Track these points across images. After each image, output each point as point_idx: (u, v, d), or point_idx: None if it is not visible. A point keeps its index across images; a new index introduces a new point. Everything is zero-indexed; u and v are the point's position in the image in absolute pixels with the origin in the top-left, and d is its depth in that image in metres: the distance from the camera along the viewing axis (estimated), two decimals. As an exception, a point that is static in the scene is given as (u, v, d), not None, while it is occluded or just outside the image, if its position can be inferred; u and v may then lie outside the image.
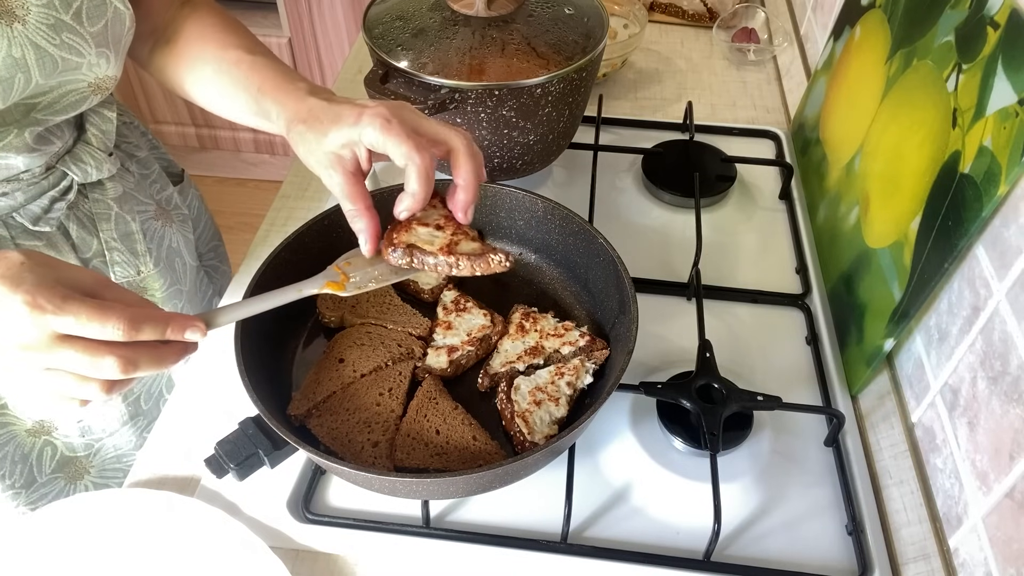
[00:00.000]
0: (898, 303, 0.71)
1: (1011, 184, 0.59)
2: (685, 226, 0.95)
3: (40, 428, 0.84)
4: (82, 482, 0.90)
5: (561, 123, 0.87)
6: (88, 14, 0.65)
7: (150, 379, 0.92)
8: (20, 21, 0.61)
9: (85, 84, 0.69)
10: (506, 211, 0.81)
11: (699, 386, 0.71)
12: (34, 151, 0.71)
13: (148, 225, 0.86)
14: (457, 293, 0.77)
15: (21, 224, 0.74)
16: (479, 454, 0.66)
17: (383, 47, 0.82)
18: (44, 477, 0.86)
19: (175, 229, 0.91)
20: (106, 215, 0.80)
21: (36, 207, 0.74)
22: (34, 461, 0.85)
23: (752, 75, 1.24)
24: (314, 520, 0.67)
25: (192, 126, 2.39)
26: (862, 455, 0.73)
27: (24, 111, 0.67)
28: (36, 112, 0.68)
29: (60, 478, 0.88)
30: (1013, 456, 0.57)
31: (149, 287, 0.87)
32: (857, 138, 0.87)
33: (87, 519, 0.67)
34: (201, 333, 0.56)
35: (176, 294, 0.91)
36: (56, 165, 0.74)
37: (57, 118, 0.70)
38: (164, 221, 0.89)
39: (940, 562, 0.64)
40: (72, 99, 0.70)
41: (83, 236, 0.79)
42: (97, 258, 0.81)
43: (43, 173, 0.74)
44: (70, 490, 0.89)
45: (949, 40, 0.72)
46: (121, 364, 0.52)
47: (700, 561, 0.65)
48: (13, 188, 0.72)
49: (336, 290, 0.62)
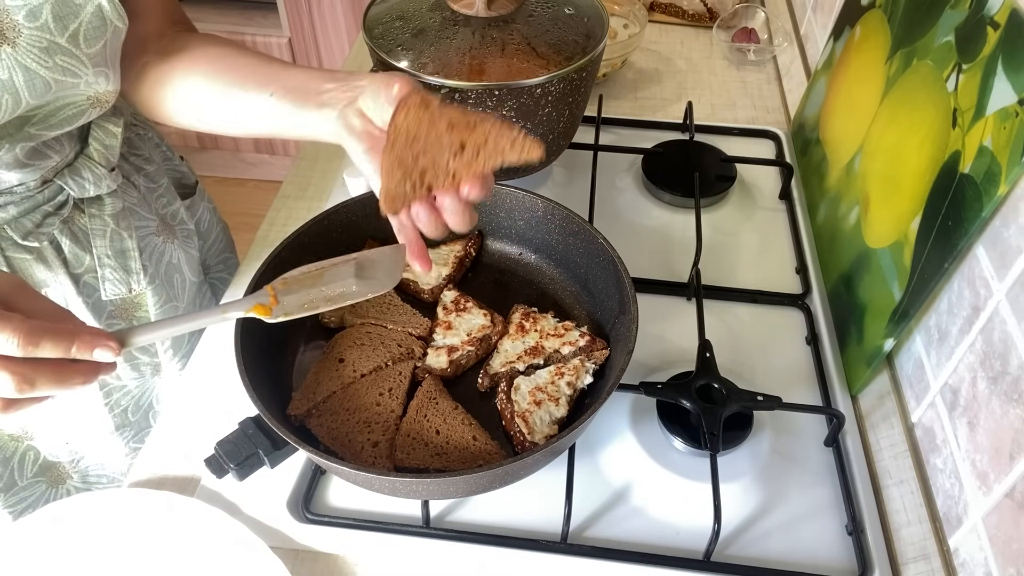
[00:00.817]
0: (898, 303, 0.71)
1: (1011, 184, 0.59)
2: (685, 226, 0.95)
3: (23, 434, 0.84)
4: (64, 487, 0.89)
5: (561, 123, 0.87)
6: (86, 36, 0.63)
7: (139, 391, 0.90)
8: (10, 43, 0.59)
9: (84, 98, 0.67)
10: (506, 211, 0.81)
11: (699, 386, 0.71)
12: (26, 166, 0.69)
13: (148, 241, 0.84)
14: (457, 293, 0.77)
15: (11, 237, 0.72)
16: (479, 454, 0.66)
17: (383, 47, 0.82)
18: (25, 480, 0.85)
19: (177, 245, 0.89)
20: (101, 231, 0.78)
21: (28, 221, 0.72)
22: (15, 464, 0.84)
23: (752, 75, 1.24)
24: (314, 520, 0.67)
25: (192, 126, 2.39)
26: (862, 455, 0.73)
27: (17, 125, 0.66)
28: (29, 127, 0.66)
29: (42, 482, 0.87)
30: (1013, 456, 0.57)
31: (142, 303, 0.85)
32: (857, 138, 0.87)
33: (87, 519, 0.67)
34: (114, 352, 0.51)
35: (172, 310, 0.88)
36: (53, 179, 0.73)
37: (52, 132, 0.68)
38: (166, 237, 0.87)
39: (940, 562, 0.64)
40: (69, 113, 0.68)
41: (75, 251, 0.77)
42: (88, 274, 0.79)
43: (38, 187, 0.72)
44: (51, 494, 0.88)
45: (949, 40, 0.72)
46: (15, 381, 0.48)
47: (700, 561, 0.65)
48: (5, 200, 0.70)
49: (262, 315, 0.59)
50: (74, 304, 0.79)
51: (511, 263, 0.83)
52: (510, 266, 0.83)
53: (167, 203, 0.89)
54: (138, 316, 0.86)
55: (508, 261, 0.83)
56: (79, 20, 0.62)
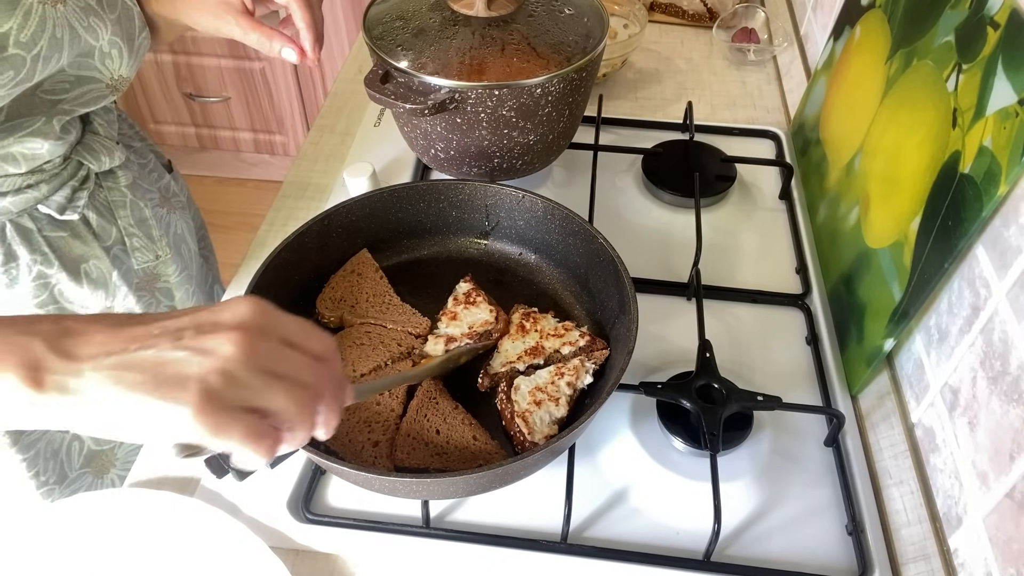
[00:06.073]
0: (898, 303, 0.71)
1: (1011, 184, 0.59)
2: (685, 226, 0.94)
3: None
4: (108, 476, 0.92)
5: (561, 123, 0.87)
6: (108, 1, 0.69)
7: None
8: (62, 2, 0.64)
9: (103, 84, 0.73)
10: (506, 211, 0.81)
11: (699, 386, 0.71)
12: (59, 139, 0.73)
13: (155, 212, 0.88)
14: (471, 287, 0.77)
15: (46, 215, 0.76)
16: (479, 454, 0.66)
17: (383, 47, 0.82)
18: (74, 472, 0.88)
19: (178, 216, 0.93)
20: (121, 202, 0.83)
21: (60, 197, 0.76)
22: (64, 457, 0.87)
23: (752, 75, 1.24)
24: (314, 520, 0.67)
25: (192, 126, 2.39)
26: (862, 455, 0.73)
27: (50, 104, 0.70)
28: (63, 105, 0.71)
29: (88, 473, 0.89)
30: (1013, 456, 0.57)
31: (162, 273, 0.89)
32: (857, 138, 0.87)
33: (87, 519, 0.67)
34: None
35: (187, 279, 0.93)
36: (71, 156, 0.77)
37: (81, 109, 0.73)
38: (168, 208, 0.91)
39: (940, 562, 0.64)
40: (93, 95, 0.73)
41: (102, 224, 0.81)
42: (117, 246, 0.83)
43: (62, 164, 0.76)
44: (98, 484, 0.91)
45: (949, 40, 0.72)
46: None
47: (700, 561, 0.65)
48: (38, 179, 0.74)
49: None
50: (112, 277, 0.83)
51: (511, 263, 0.83)
52: (510, 266, 0.83)
53: (159, 177, 0.93)
54: (159, 287, 0.90)
55: (508, 261, 0.83)
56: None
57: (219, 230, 1.10)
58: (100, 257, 0.81)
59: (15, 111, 0.68)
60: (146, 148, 0.93)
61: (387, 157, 1.02)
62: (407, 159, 1.02)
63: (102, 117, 0.80)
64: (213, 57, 2.19)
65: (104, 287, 0.82)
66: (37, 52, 0.63)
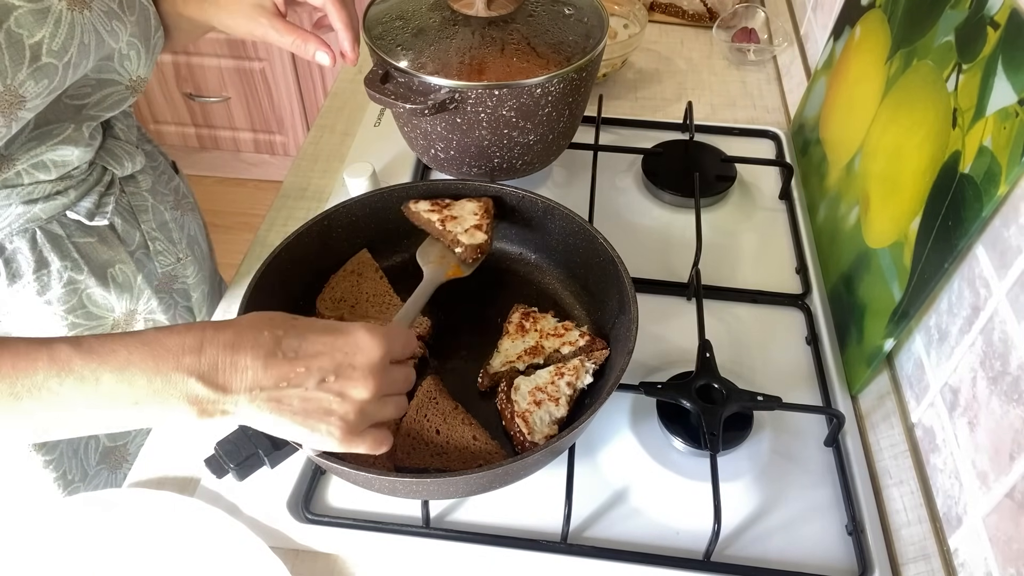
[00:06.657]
0: (898, 303, 0.71)
1: (1011, 184, 0.59)
2: (685, 226, 0.94)
3: None
4: (121, 471, 0.93)
5: (561, 123, 0.87)
6: (128, 3, 0.69)
7: None
8: (88, 8, 0.64)
9: (123, 86, 0.73)
10: (506, 211, 0.81)
11: (699, 386, 0.71)
12: (88, 145, 0.73)
13: (172, 214, 0.89)
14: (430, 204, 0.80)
15: (75, 221, 0.76)
16: (479, 454, 0.66)
17: (383, 47, 0.82)
18: (92, 469, 0.89)
19: (190, 217, 0.94)
20: (143, 206, 0.83)
21: (88, 203, 0.76)
22: (83, 455, 0.87)
23: (752, 75, 1.24)
24: (314, 520, 0.67)
25: (192, 126, 2.39)
26: (862, 455, 0.73)
27: (75, 110, 0.71)
28: (87, 110, 0.72)
29: (104, 469, 0.90)
30: (1013, 456, 0.57)
31: (180, 274, 0.89)
32: (857, 138, 0.87)
33: (87, 519, 0.67)
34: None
35: (202, 280, 0.93)
36: (95, 161, 0.77)
37: (105, 114, 0.74)
38: (181, 210, 0.92)
39: (940, 562, 0.64)
40: (115, 98, 0.74)
41: (127, 229, 0.82)
42: (140, 250, 0.84)
43: (88, 169, 0.76)
44: (113, 481, 0.91)
45: (949, 40, 0.72)
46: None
47: (700, 561, 0.65)
48: (66, 185, 0.74)
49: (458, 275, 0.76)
50: (136, 280, 0.84)
51: (511, 263, 0.83)
52: (510, 266, 0.83)
53: (169, 179, 0.93)
54: (176, 288, 0.90)
55: (508, 261, 0.83)
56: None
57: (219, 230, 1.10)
58: (125, 261, 0.82)
59: (43, 118, 0.69)
60: (155, 150, 0.94)
61: (387, 157, 1.02)
62: (407, 159, 1.02)
63: (122, 122, 0.81)
64: (213, 57, 2.19)
65: (129, 291, 0.83)
66: (68, 59, 0.63)
